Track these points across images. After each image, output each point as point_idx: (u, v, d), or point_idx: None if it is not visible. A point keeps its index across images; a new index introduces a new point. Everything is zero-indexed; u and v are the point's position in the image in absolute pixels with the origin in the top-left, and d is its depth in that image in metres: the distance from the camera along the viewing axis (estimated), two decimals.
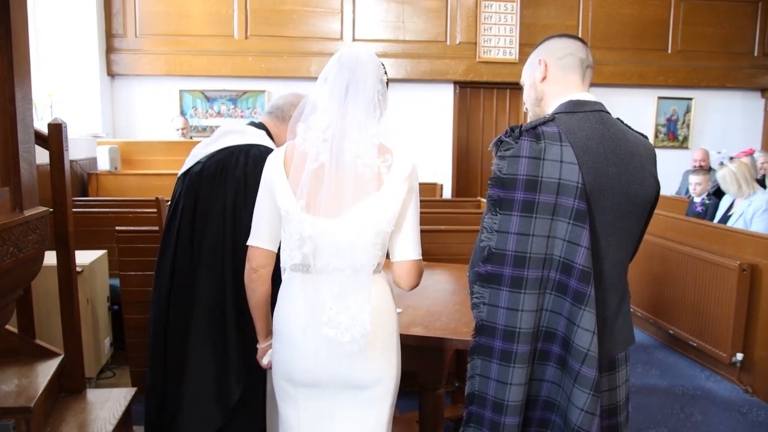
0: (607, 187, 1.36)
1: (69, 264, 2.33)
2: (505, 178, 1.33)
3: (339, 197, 1.44)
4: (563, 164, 1.31)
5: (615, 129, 1.41)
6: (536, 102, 1.53)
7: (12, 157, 1.75)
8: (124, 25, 6.04)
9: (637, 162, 1.41)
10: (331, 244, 1.45)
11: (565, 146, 1.32)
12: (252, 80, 6.33)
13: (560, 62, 1.48)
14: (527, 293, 1.33)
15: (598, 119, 1.41)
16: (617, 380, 1.49)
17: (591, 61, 1.50)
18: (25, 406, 1.94)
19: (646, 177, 1.43)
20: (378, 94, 1.48)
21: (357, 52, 1.50)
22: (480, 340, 1.38)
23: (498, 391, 1.36)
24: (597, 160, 1.35)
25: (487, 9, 6.40)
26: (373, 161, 1.45)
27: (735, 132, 7.03)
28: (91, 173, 4.94)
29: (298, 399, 1.56)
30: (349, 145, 1.43)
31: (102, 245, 3.49)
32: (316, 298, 1.46)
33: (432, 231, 3.34)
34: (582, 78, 1.48)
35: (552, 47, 1.50)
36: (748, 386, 3.40)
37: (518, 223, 1.32)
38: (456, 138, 6.70)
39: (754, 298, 3.39)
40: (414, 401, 2.65)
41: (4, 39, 1.70)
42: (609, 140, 1.38)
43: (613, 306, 1.45)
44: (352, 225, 1.44)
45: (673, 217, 4.21)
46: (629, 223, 1.42)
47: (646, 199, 1.44)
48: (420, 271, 1.57)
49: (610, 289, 1.43)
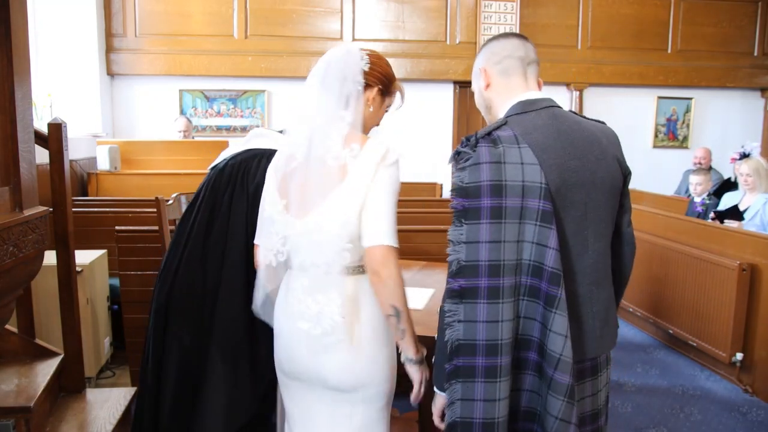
0: (573, 180, 1.33)
1: (69, 264, 2.32)
2: (468, 186, 1.28)
3: (309, 194, 1.46)
4: (524, 166, 1.29)
5: (569, 122, 1.39)
6: (487, 110, 1.52)
7: (12, 157, 1.75)
8: (123, 25, 6.04)
9: (597, 150, 1.38)
10: (306, 242, 1.48)
11: (523, 148, 1.30)
12: (252, 80, 6.33)
13: (498, 67, 1.45)
14: (505, 302, 1.28)
15: (551, 115, 1.38)
16: (599, 384, 1.46)
17: (533, 56, 1.46)
18: (24, 405, 1.94)
19: (609, 163, 1.40)
20: (352, 88, 1.47)
21: (337, 48, 1.54)
22: (458, 362, 1.29)
23: (487, 412, 1.29)
24: (557, 156, 1.32)
25: (487, 9, 6.40)
26: (339, 153, 1.43)
27: (735, 132, 7.03)
28: (91, 173, 4.94)
29: (289, 388, 1.62)
30: (321, 141, 1.45)
31: (102, 245, 3.48)
32: (293, 294, 1.52)
33: (431, 231, 3.34)
34: (525, 77, 1.45)
35: (490, 52, 1.48)
36: (748, 386, 3.40)
37: (488, 230, 1.27)
38: (456, 138, 6.69)
39: (753, 298, 3.39)
40: None
41: (4, 39, 1.70)
42: (565, 134, 1.36)
43: (605, 300, 1.42)
44: (319, 221, 1.45)
45: (673, 217, 4.21)
46: (603, 214, 1.39)
47: (614, 185, 1.41)
48: (389, 258, 1.43)
49: (598, 283, 1.40)
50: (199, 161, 5.12)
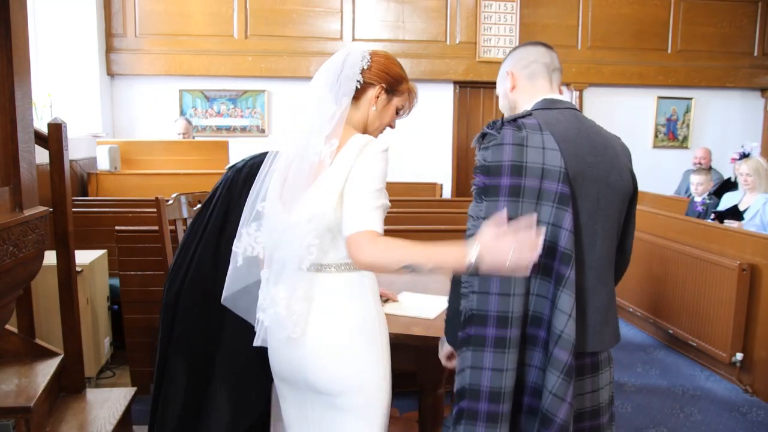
0: (588, 173, 1.39)
1: (69, 264, 2.32)
2: (490, 165, 1.35)
3: (290, 191, 1.43)
4: (545, 150, 1.35)
5: (589, 123, 1.47)
6: (510, 111, 1.59)
7: (12, 157, 1.75)
8: (123, 25, 6.04)
9: (611, 153, 1.45)
10: (285, 238, 1.44)
11: (545, 134, 1.37)
12: (252, 80, 6.33)
13: (526, 71, 1.54)
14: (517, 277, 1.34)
15: (572, 114, 1.46)
16: (600, 382, 1.48)
17: (557, 64, 1.55)
18: (24, 405, 1.94)
19: (622, 169, 1.47)
20: (347, 85, 1.44)
21: (343, 50, 1.53)
22: (470, 331, 1.36)
23: (494, 380, 1.34)
24: (576, 148, 1.38)
25: (487, 9, 6.40)
26: (320, 149, 1.39)
27: (735, 132, 7.02)
28: (91, 173, 4.94)
29: (281, 389, 1.60)
30: (305, 138, 1.42)
31: (102, 245, 3.48)
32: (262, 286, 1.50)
33: (431, 231, 3.34)
34: (550, 82, 1.54)
35: (517, 57, 1.56)
36: (748, 386, 3.40)
37: (507, 207, 1.33)
38: (456, 138, 6.70)
39: (753, 298, 3.39)
40: (414, 401, 2.65)
41: (4, 39, 1.70)
42: (584, 132, 1.43)
43: (605, 298, 1.46)
44: (297, 216, 1.40)
45: (673, 217, 4.21)
46: (612, 212, 1.44)
47: (625, 189, 1.47)
48: (365, 242, 1.32)
49: (601, 279, 1.45)
50: (199, 161, 5.12)
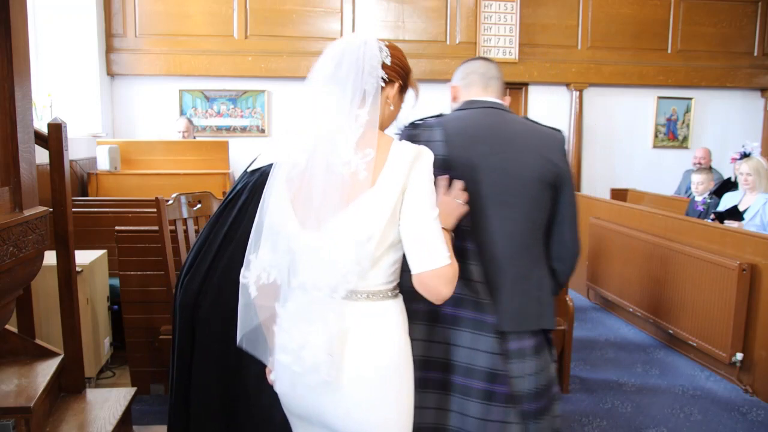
0: (479, 162, 1.54)
1: (69, 264, 2.32)
2: None
3: (316, 207, 1.23)
4: (431, 143, 1.50)
5: (502, 119, 1.62)
6: None
7: (12, 157, 1.74)
8: (123, 25, 6.04)
9: (520, 144, 1.58)
10: (310, 260, 1.27)
11: (436, 130, 1.56)
12: (252, 80, 6.33)
13: (464, 81, 1.72)
14: None
15: (486, 112, 1.63)
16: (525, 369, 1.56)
17: (494, 73, 1.70)
18: (24, 405, 1.94)
19: (532, 159, 1.57)
20: (371, 82, 1.25)
21: (351, 38, 1.30)
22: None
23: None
24: (469, 140, 1.56)
25: (487, 9, 6.41)
26: (350, 158, 1.21)
27: (735, 132, 7.03)
28: (91, 173, 4.94)
29: (296, 426, 1.43)
30: (328, 145, 1.23)
31: (102, 245, 3.49)
32: (279, 320, 1.31)
33: None
34: (484, 89, 1.68)
35: (459, 72, 1.75)
36: (748, 386, 3.40)
37: None
38: None
39: (753, 298, 3.39)
40: None
41: (4, 39, 1.70)
42: (488, 126, 1.59)
43: (508, 281, 1.55)
44: (329, 237, 1.22)
45: (673, 217, 4.21)
46: (512, 198, 1.56)
47: (528, 177, 1.56)
48: (447, 278, 1.24)
49: (505, 258, 1.55)
50: (199, 161, 5.13)
